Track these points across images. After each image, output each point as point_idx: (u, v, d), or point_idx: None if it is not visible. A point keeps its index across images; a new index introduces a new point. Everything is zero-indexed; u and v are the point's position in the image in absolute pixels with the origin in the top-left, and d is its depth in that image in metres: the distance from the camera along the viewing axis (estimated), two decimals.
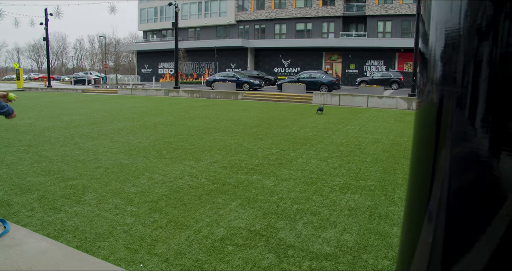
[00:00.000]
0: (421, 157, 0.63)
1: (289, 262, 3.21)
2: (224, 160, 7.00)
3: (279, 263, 3.20)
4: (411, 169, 0.68)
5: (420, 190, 0.62)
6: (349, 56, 39.74)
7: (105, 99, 23.61)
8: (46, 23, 36.75)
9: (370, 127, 11.47)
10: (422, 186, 0.61)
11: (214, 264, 3.18)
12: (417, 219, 0.62)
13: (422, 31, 0.63)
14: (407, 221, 0.67)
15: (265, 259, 3.25)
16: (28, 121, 12.37)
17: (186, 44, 46.21)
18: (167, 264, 3.17)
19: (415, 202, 0.65)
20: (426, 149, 0.60)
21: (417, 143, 0.66)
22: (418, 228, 0.61)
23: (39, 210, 4.44)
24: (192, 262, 3.20)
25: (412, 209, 0.66)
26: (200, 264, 3.17)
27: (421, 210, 0.61)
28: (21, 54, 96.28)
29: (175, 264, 3.17)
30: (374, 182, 5.69)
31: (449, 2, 0.54)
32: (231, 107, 18.18)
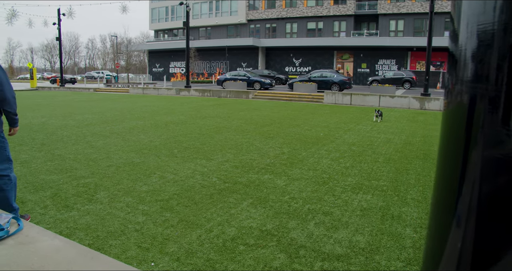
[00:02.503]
0: (449, 159, 0.61)
1: (301, 263, 3.19)
2: (236, 159, 6.99)
3: (291, 263, 3.18)
4: (438, 171, 0.65)
5: (447, 193, 0.60)
6: (360, 55, 39.49)
7: (116, 98, 23.79)
8: (59, 23, 37.17)
9: (382, 127, 11.38)
10: (450, 190, 0.59)
11: (226, 263, 3.17)
12: (444, 224, 0.60)
13: (451, 29, 0.60)
14: (433, 225, 0.65)
15: (276, 259, 3.23)
16: (41, 120, 12.51)
17: (197, 43, 46.34)
18: (178, 263, 3.17)
19: (441, 205, 0.62)
20: (455, 151, 0.58)
21: (444, 145, 0.63)
22: (446, 233, 0.59)
23: (52, 208, 4.48)
24: (203, 262, 3.19)
25: (438, 213, 0.63)
26: (211, 263, 3.17)
27: (448, 214, 0.59)
28: (35, 54, 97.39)
29: (186, 263, 3.17)
30: (386, 183, 5.63)
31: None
32: (242, 106, 18.17)
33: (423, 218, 4.24)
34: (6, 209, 3.61)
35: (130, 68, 57.03)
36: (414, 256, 3.33)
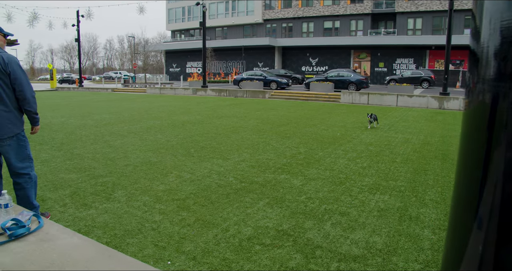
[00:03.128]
0: (470, 160, 0.59)
1: (317, 263, 3.17)
2: (252, 159, 7.00)
3: (307, 263, 3.16)
4: (458, 172, 0.63)
5: (468, 195, 0.58)
6: (378, 54, 39.06)
7: (134, 98, 24.05)
8: (78, 25, 37.83)
9: (399, 127, 11.24)
10: (471, 191, 0.57)
11: (241, 263, 3.17)
12: (464, 226, 0.59)
13: (473, 26, 0.59)
14: (453, 227, 0.63)
15: (292, 259, 3.22)
16: (60, 119, 12.74)
17: (214, 43, 46.51)
18: (195, 262, 3.18)
19: (462, 207, 0.61)
20: (476, 151, 0.56)
21: (465, 145, 0.62)
22: (466, 235, 0.57)
23: (71, 206, 4.56)
24: (219, 261, 3.20)
25: (459, 215, 0.62)
26: (227, 263, 3.17)
27: (469, 216, 0.57)
28: (55, 55, 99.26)
29: (202, 262, 3.18)
30: (404, 183, 5.56)
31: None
32: (259, 106, 18.17)
33: (441, 220, 4.17)
34: (27, 206, 3.69)
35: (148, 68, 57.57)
36: (432, 258, 3.28)
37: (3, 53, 3.55)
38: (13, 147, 3.71)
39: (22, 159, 3.79)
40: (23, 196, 3.85)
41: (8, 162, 3.77)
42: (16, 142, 3.72)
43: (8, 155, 3.72)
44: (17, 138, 3.73)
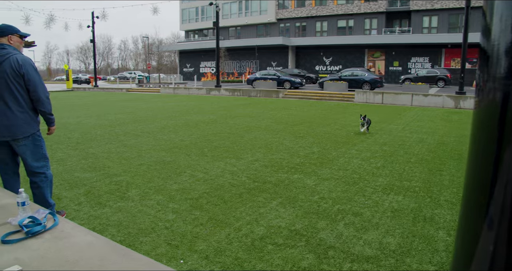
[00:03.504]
0: (481, 159, 0.58)
1: (329, 263, 3.15)
2: (265, 159, 7.00)
3: (319, 264, 3.15)
4: (468, 172, 0.62)
5: (478, 195, 0.57)
6: (392, 53, 38.67)
7: (148, 98, 24.25)
8: (93, 26, 38.36)
9: (414, 126, 11.11)
10: (481, 191, 0.56)
11: (254, 262, 3.17)
12: (475, 226, 0.58)
13: (483, 24, 0.58)
14: (463, 227, 0.62)
15: (305, 260, 3.21)
16: (76, 119, 12.91)
17: (227, 43, 46.62)
18: (207, 261, 3.20)
19: (472, 207, 0.60)
20: (487, 150, 0.55)
21: (476, 144, 0.61)
22: (477, 235, 0.56)
23: (85, 204, 4.62)
24: (231, 260, 3.21)
25: (469, 215, 0.61)
26: (239, 262, 3.18)
27: (479, 216, 0.56)
28: (70, 55, 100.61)
29: (215, 261, 3.19)
30: (418, 183, 5.49)
31: None
32: (272, 105, 18.16)
33: (457, 221, 4.10)
34: (43, 205, 3.75)
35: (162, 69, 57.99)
36: (447, 260, 3.24)
37: (18, 54, 3.61)
38: (29, 147, 3.77)
39: (38, 159, 3.86)
40: (39, 195, 3.92)
41: (24, 161, 3.84)
42: (32, 142, 3.79)
43: (24, 155, 3.79)
44: (33, 138, 3.79)
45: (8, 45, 3.64)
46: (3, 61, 3.53)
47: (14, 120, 3.62)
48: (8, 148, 3.81)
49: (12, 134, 3.64)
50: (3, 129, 3.62)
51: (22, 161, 3.92)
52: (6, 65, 3.52)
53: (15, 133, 3.64)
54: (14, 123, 3.63)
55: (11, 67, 3.52)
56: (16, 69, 3.54)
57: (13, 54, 3.58)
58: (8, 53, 3.57)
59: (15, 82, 3.56)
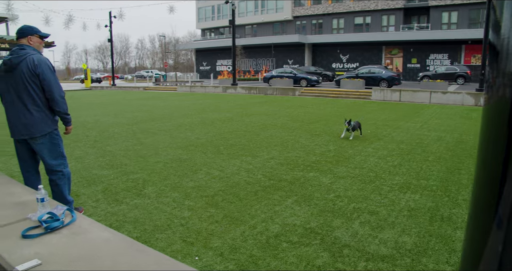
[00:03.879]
0: (490, 157, 0.57)
1: (344, 262, 3.14)
2: (281, 157, 6.99)
3: (334, 262, 3.14)
4: (477, 170, 0.61)
5: (487, 193, 0.56)
6: (410, 50, 38.12)
7: (165, 96, 24.45)
8: (110, 26, 38.90)
9: (432, 124, 10.94)
10: (490, 189, 0.55)
11: (268, 260, 3.18)
12: (483, 225, 0.57)
13: (493, 19, 0.56)
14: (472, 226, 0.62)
15: (319, 258, 3.20)
16: (94, 118, 13.11)
17: (243, 41, 46.67)
18: (222, 258, 3.22)
19: (481, 206, 0.59)
20: (496, 148, 0.55)
21: (484, 142, 0.60)
22: (485, 235, 0.55)
23: (103, 201, 4.70)
24: (246, 258, 3.22)
25: (478, 214, 0.60)
26: (254, 259, 3.19)
27: (488, 216, 0.55)
28: (89, 55, 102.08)
29: (229, 258, 3.21)
30: (436, 182, 5.41)
31: None
32: (288, 103, 18.12)
33: None
34: (61, 201, 3.83)
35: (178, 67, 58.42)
36: None
37: (35, 55, 3.68)
38: (46, 146, 3.86)
39: (55, 157, 3.93)
40: (57, 192, 4.00)
41: (42, 159, 3.93)
42: (49, 141, 3.87)
43: (41, 153, 3.88)
44: (50, 136, 3.87)
45: (27, 46, 3.72)
46: (21, 61, 3.61)
47: (31, 119, 3.70)
48: (27, 146, 3.91)
49: (29, 133, 3.73)
50: (21, 127, 3.72)
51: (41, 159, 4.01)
52: (23, 66, 3.60)
53: (32, 131, 3.73)
54: (31, 122, 3.71)
55: (27, 67, 3.60)
56: (32, 69, 3.61)
57: (30, 54, 3.65)
58: (26, 53, 3.65)
59: (31, 82, 3.64)
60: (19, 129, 3.74)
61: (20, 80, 3.63)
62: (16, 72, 3.62)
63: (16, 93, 3.67)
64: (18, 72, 3.62)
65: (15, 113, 3.72)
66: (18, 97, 3.67)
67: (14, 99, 3.69)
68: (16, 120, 3.74)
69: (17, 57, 3.63)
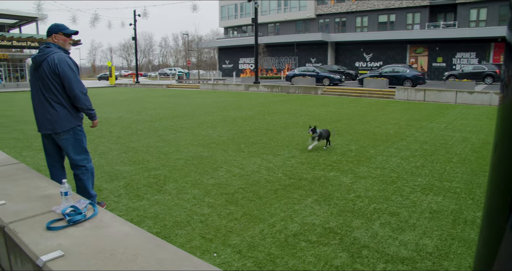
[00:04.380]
0: (504, 157, 0.56)
1: (363, 263, 3.11)
2: (302, 156, 6.97)
3: (352, 263, 3.11)
4: (491, 170, 0.60)
5: (501, 195, 0.55)
6: (436, 48, 37.30)
7: (187, 94, 24.68)
8: (134, 24, 39.54)
9: (458, 125, 10.70)
10: (504, 191, 0.54)
11: (286, 259, 3.18)
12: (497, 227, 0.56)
13: (509, 18, 0.55)
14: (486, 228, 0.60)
15: (338, 258, 3.18)
16: (118, 114, 13.34)
17: (266, 40, 46.60)
18: (240, 255, 3.24)
19: (494, 206, 0.57)
20: (510, 148, 0.53)
21: (499, 142, 0.59)
22: (499, 237, 0.54)
23: (124, 196, 4.79)
24: (264, 256, 3.23)
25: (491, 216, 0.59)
26: (272, 258, 3.19)
27: (502, 218, 0.54)
28: (113, 53, 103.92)
29: (247, 256, 3.22)
30: (460, 184, 5.30)
31: None
32: (311, 102, 18.03)
33: None
34: (84, 196, 3.94)
35: (201, 65, 58.81)
36: None
37: (56, 53, 3.76)
38: (69, 141, 3.96)
39: (79, 152, 4.04)
40: (81, 186, 4.11)
41: (67, 154, 4.05)
42: (73, 136, 3.97)
43: (65, 148, 3.99)
44: (73, 132, 3.97)
45: (52, 44, 3.83)
46: (43, 60, 3.73)
47: (54, 115, 3.81)
48: (53, 141, 4.04)
49: (53, 128, 3.85)
50: (45, 122, 3.85)
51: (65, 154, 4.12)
52: (45, 64, 3.72)
53: (56, 127, 3.84)
54: (55, 118, 3.82)
55: (48, 66, 3.71)
56: (52, 68, 3.71)
57: (52, 53, 3.74)
58: (49, 51, 3.75)
59: (52, 80, 3.74)
60: (44, 124, 3.87)
61: (44, 78, 3.74)
62: (40, 69, 3.75)
63: (41, 90, 3.80)
64: (42, 70, 3.74)
65: (41, 109, 3.85)
66: (42, 94, 3.80)
67: (40, 96, 3.82)
68: (41, 115, 3.87)
69: (42, 55, 3.75)
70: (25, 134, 9.50)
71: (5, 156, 4.31)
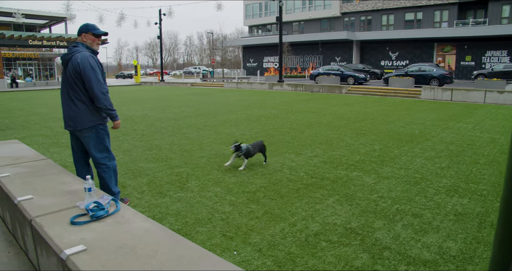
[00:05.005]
0: None
1: (384, 265, 3.07)
2: (325, 155, 6.92)
3: (373, 264, 3.07)
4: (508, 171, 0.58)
5: None
6: (464, 46, 36.29)
7: (211, 92, 24.84)
8: (160, 23, 40.02)
9: (486, 125, 10.41)
10: None
11: (306, 258, 3.16)
12: None
13: None
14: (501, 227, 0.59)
15: (358, 259, 3.15)
16: (142, 112, 13.55)
17: (290, 38, 46.44)
18: (260, 254, 3.24)
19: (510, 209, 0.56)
20: None
21: None
22: None
23: (147, 193, 4.87)
24: (284, 255, 3.23)
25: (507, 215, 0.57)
26: (292, 257, 3.19)
27: None
28: (139, 51, 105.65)
29: (267, 254, 3.23)
30: (487, 187, 5.15)
31: None
32: (335, 101, 17.88)
33: None
34: (107, 192, 4.00)
35: (225, 63, 59.16)
36: None
37: (81, 52, 3.84)
38: (92, 139, 4.05)
39: (100, 150, 4.12)
40: (103, 183, 4.20)
41: (89, 152, 4.15)
42: (95, 134, 4.05)
43: (88, 145, 4.10)
44: (95, 130, 4.04)
45: (81, 43, 3.94)
46: (69, 59, 3.85)
47: (76, 112, 3.91)
48: (77, 138, 4.15)
49: (74, 125, 3.96)
50: (68, 119, 3.98)
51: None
52: (70, 63, 3.84)
53: (76, 124, 3.94)
54: (76, 115, 3.92)
55: (72, 65, 3.81)
56: (75, 67, 3.79)
57: (77, 52, 3.84)
58: (75, 51, 3.86)
59: (75, 78, 3.83)
60: (67, 121, 4.00)
61: (69, 76, 3.86)
62: (67, 68, 3.88)
63: (66, 88, 3.92)
64: (67, 68, 3.87)
65: (65, 106, 3.98)
66: (67, 92, 3.92)
67: (65, 93, 3.96)
68: (65, 112, 3.99)
69: (68, 54, 3.87)
70: (53, 131, 9.77)
71: (34, 152, 4.46)
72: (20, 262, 2.59)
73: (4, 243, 2.88)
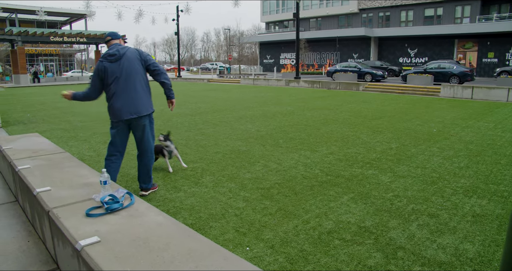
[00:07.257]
0: None
1: (397, 265, 3.03)
2: (340, 152, 6.88)
3: (386, 264, 3.04)
4: None
5: None
6: (487, 43, 35.45)
7: (228, 89, 24.89)
8: (177, 19, 40.29)
9: (508, 124, 10.17)
10: None
11: (319, 256, 3.15)
12: None
13: None
14: None
15: (371, 258, 3.12)
16: (159, 107, 13.62)
17: (308, 35, 46.16)
18: (272, 250, 3.24)
19: None
20: None
21: None
22: None
23: (162, 187, 4.91)
24: (296, 252, 3.22)
25: None
26: (304, 254, 3.18)
27: None
28: (157, 47, 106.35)
29: (280, 251, 3.22)
30: (508, 188, 5.03)
31: None
32: (351, 98, 17.73)
33: None
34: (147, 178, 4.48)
35: (242, 60, 59.18)
36: None
37: (130, 48, 4.26)
38: (147, 126, 4.33)
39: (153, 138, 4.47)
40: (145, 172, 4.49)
41: (140, 139, 4.38)
42: (150, 121, 4.38)
43: (142, 132, 4.33)
44: (150, 117, 4.39)
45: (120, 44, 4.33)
46: (125, 51, 4.17)
47: (140, 98, 4.22)
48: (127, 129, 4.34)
49: (138, 111, 4.18)
50: (130, 106, 4.15)
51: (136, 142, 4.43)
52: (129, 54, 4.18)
53: (142, 110, 4.20)
54: (141, 101, 4.22)
55: (131, 55, 4.19)
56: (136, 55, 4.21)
57: (129, 48, 4.26)
58: (125, 47, 4.26)
59: (139, 67, 4.22)
60: (129, 108, 4.14)
61: (129, 66, 4.13)
62: (123, 60, 4.12)
63: (126, 77, 4.13)
64: (125, 60, 4.13)
65: (127, 95, 4.14)
66: (128, 81, 4.13)
67: (123, 83, 4.13)
68: (125, 100, 4.14)
69: (122, 48, 4.19)
70: (72, 125, 9.93)
71: (54, 146, 4.55)
72: (38, 251, 2.65)
73: (24, 233, 2.95)
